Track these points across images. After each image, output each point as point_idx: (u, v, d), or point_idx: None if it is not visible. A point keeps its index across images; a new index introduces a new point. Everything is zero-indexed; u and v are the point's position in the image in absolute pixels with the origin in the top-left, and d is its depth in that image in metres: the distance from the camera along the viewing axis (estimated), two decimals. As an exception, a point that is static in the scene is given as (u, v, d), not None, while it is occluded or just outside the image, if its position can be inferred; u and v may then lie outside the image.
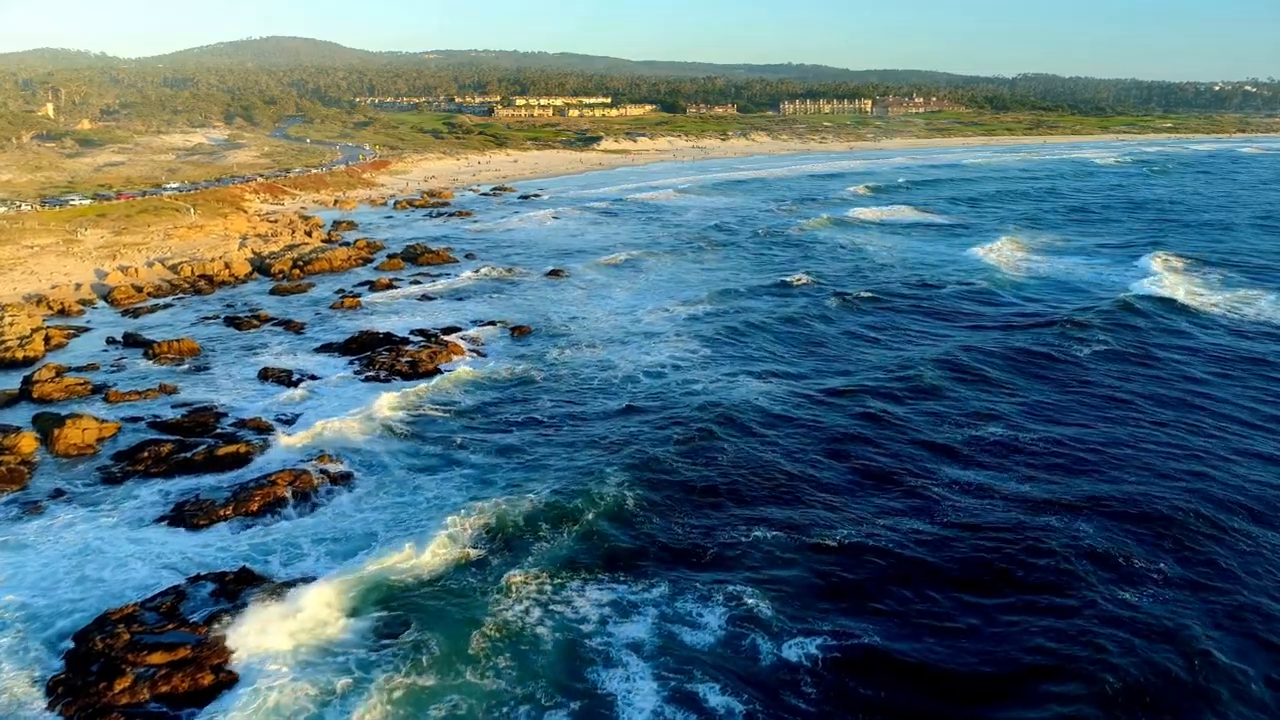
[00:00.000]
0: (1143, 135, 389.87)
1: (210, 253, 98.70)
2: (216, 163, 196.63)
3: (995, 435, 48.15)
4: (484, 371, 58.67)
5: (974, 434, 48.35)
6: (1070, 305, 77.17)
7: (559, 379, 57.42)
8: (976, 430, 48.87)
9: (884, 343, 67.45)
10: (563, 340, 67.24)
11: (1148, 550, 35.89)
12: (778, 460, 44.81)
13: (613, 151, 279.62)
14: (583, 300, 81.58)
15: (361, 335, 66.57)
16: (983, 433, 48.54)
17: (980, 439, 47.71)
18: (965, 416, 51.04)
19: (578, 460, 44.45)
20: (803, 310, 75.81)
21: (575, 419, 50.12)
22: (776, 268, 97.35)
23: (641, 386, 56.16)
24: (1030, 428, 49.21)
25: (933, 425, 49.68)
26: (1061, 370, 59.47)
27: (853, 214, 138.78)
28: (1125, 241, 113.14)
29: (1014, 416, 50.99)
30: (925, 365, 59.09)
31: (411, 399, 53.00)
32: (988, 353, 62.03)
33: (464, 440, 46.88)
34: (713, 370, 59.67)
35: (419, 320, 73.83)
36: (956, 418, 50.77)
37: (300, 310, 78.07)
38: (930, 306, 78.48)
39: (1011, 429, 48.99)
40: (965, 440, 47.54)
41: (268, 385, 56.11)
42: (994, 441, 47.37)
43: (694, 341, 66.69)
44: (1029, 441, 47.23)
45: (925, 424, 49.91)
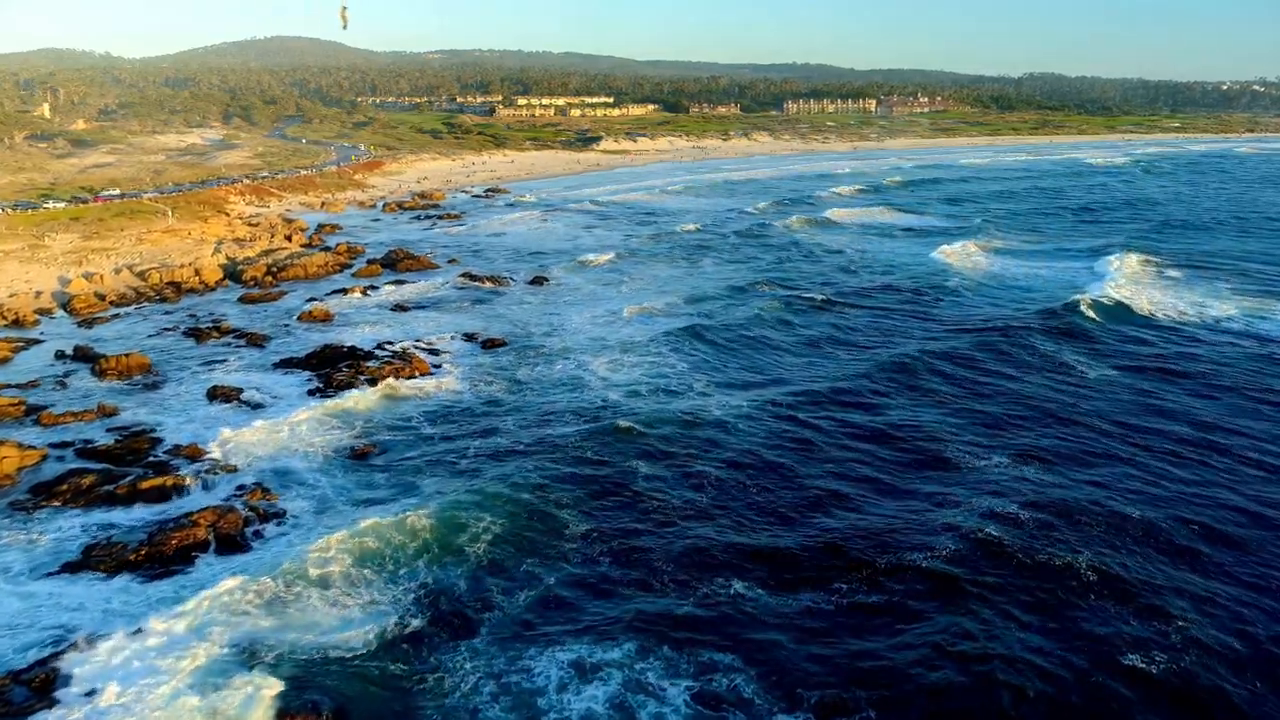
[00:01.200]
0: (1150, 135, 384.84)
1: (182, 258, 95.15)
2: (205, 163, 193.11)
3: (918, 451, 46.78)
4: (447, 391, 55.03)
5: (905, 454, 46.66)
6: (1015, 309, 76.47)
7: (527, 399, 53.73)
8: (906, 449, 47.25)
9: (828, 352, 65.68)
10: (537, 354, 63.55)
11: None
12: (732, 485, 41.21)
13: (612, 152, 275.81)
14: (563, 309, 77.89)
15: (324, 350, 62.92)
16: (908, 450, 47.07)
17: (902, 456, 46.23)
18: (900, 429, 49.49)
19: (531, 496, 40.75)
20: (759, 317, 73.86)
21: (538, 445, 46.33)
22: (749, 271, 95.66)
23: (614, 408, 52.39)
24: (947, 438, 48.08)
25: (859, 440, 48.12)
26: (989, 378, 58.29)
27: (834, 215, 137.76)
28: (1094, 242, 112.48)
29: (939, 429, 49.52)
30: (862, 377, 57.89)
31: (365, 422, 49.40)
32: (928, 359, 61.26)
33: (417, 468, 43.20)
34: (687, 388, 55.99)
35: (389, 332, 70.17)
36: (889, 431, 49.41)
37: (266, 321, 74.46)
38: (883, 311, 77.50)
39: (934, 441, 47.81)
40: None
41: (214, 406, 52.45)
42: (919, 458, 46.02)
43: (671, 356, 62.98)
44: (946, 454, 46.18)
45: (855, 438, 48.05)
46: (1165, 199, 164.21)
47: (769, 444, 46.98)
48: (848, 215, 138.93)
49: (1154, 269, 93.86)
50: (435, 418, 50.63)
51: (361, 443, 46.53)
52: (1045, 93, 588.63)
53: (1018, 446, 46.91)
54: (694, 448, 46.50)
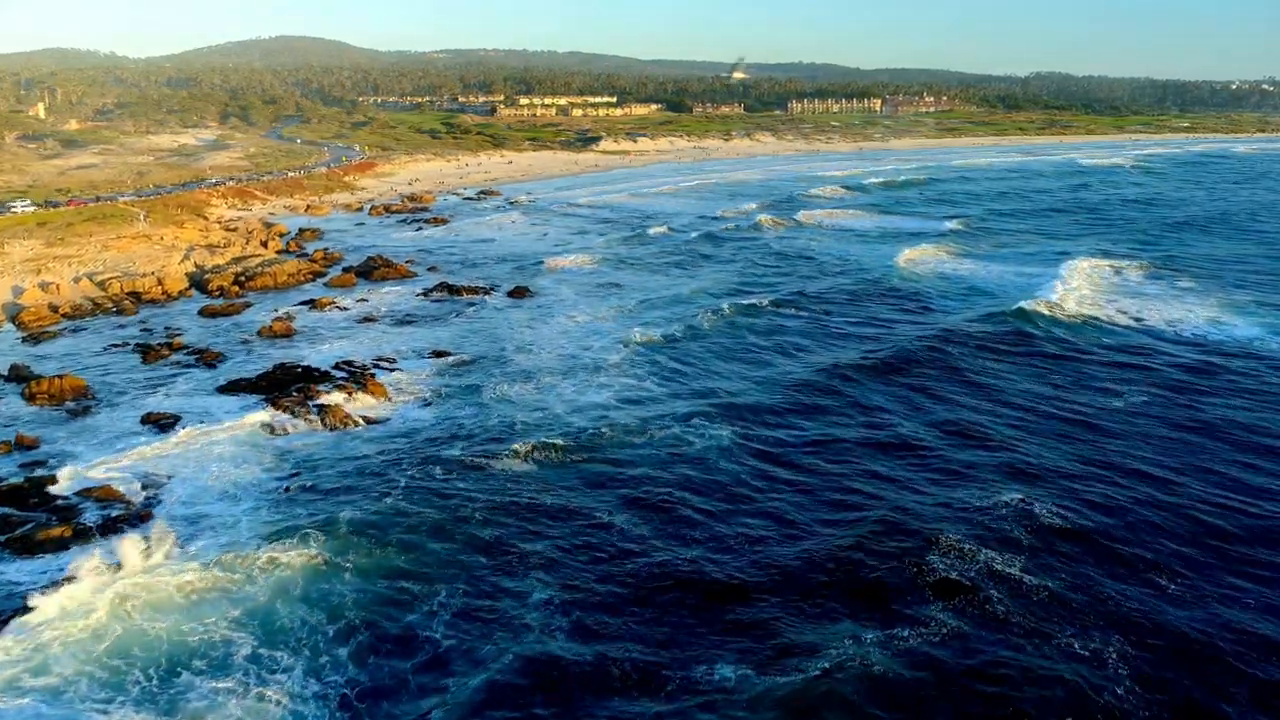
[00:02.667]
0: (1159, 135, 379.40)
1: (148, 266, 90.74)
2: (192, 165, 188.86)
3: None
4: (401, 418, 50.48)
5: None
6: (961, 315, 74.68)
7: (490, 429, 49.03)
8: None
9: (767, 361, 62.78)
10: (507, 374, 58.87)
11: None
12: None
13: (611, 153, 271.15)
14: (541, 322, 73.22)
15: (276, 371, 58.41)
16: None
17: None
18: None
19: (480, 557, 36.19)
20: (727, 323, 72.25)
21: (496, 492, 41.70)
22: (724, 278, 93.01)
23: (576, 435, 47.79)
24: (856, 458, 45.71)
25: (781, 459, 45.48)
26: (925, 387, 56.46)
27: (813, 217, 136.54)
28: (1065, 243, 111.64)
29: (851, 444, 47.40)
30: (798, 387, 55.95)
31: (304, 455, 44.85)
32: (862, 369, 59.42)
33: (347, 521, 38.28)
34: (651, 400, 51.42)
35: (354, 348, 65.62)
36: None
37: (224, 335, 69.98)
38: (832, 315, 76.12)
39: (840, 460, 45.39)
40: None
41: (145, 437, 47.87)
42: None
43: (648, 379, 58.35)
44: (856, 472, 44.11)
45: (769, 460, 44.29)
46: (1153, 199, 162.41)
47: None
48: (828, 217, 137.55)
49: (1116, 273, 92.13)
50: (383, 449, 45.94)
51: (296, 481, 41.94)
52: (1052, 92, 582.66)
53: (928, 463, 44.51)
54: (631, 468, 42.18)
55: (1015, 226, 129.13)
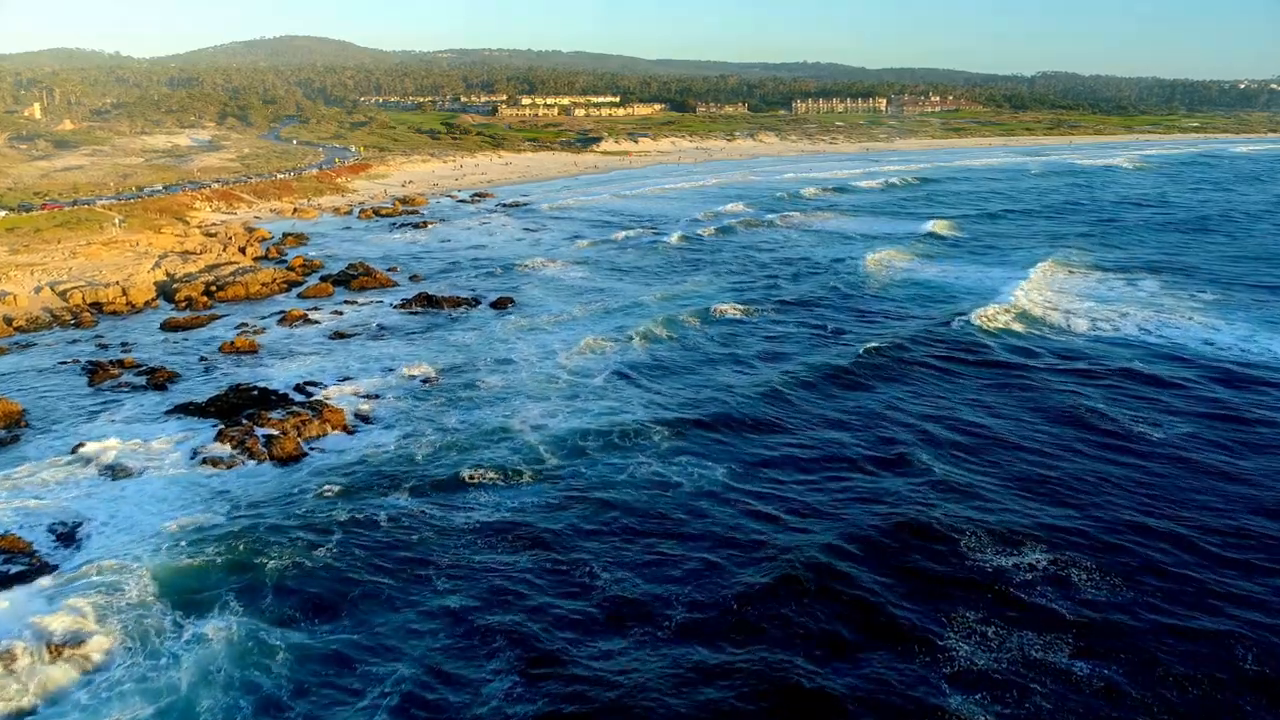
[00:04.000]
0: (1169, 135, 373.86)
1: (115, 274, 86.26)
2: (181, 166, 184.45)
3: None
4: (358, 453, 45.76)
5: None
6: (915, 322, 73.28)
7: (452, 464, 44.33)
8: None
9: (710, 377, 59.86)
10: (479, 397, 54.27)
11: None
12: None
13: (611, 153, 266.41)
14: (522, 336, 68.42)
15: (231, 393, 53.84)
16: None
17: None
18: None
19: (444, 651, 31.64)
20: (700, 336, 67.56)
21: (448, 548, 37.02)
22: (708, 284, 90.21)
23: (550, 474, 43.21)
24: (781, 477, 43.65)
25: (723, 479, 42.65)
26: (867, 397, 55.21)
27: (800, 219, 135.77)
28: (1036, 244, 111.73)
29: (785, 464, 45.16)
30: (739, 398, 54.13)
31: (243, 501, 40.15)
32: (804, 381, 57.65)
33: (279, 585, 33.52)
34: (642, 437, 46.85)
35: (321, 367, 61.06)
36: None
37: (184, 352, 65.45)
38: (787, 320, 74.91)
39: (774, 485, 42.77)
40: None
41: (70, 472, 43.32)
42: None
43: (632, 402, 53.73)
44: (782, 489, 42.35)
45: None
46: (1138, 200, 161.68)
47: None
48: (817, 219, 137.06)
49: (1081, 276, 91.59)
50: (332, 488, 41.30)
51: (222, 528, 37.32)
52: (1059, 92, 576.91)
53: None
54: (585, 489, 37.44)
55: (997, 229, 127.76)
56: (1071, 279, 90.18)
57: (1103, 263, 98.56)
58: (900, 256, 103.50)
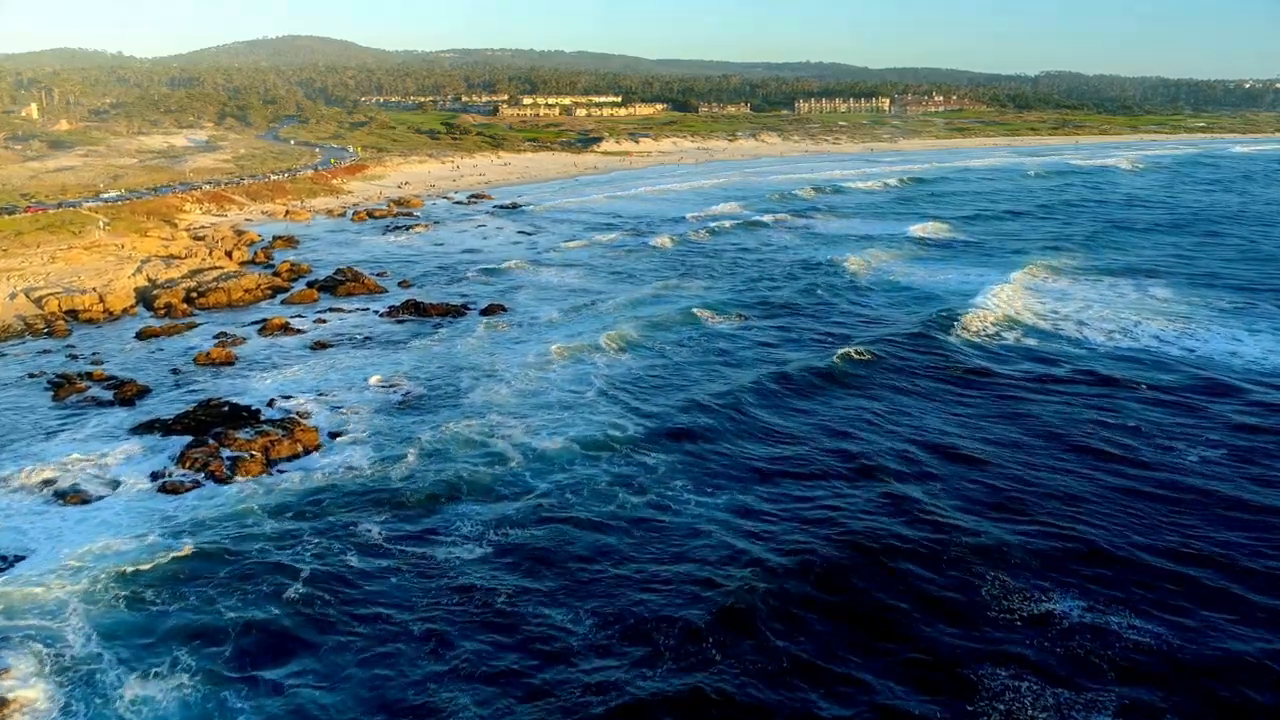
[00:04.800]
0: (1174, 135, 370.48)
1: (94, 280, 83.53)
2: (175, 167, 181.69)
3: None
4: (330, 475, 42.95)
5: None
6: (892, 326, 72.21)
7: (429, 489, 41.54)
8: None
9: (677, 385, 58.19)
10: (462, 412, 51.45)
11: None
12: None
13: (612, 154, 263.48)
14: (510, 346, 65.59)
15: (200, 410, 51.07)
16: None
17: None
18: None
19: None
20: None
21: (423, 590, 34.24)
22: (698, 288, 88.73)
23: (535, 503, 40.46)
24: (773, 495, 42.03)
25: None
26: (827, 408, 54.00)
27: (790, 220, 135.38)
28: (1018, 246, 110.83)
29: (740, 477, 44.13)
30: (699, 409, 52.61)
31: (195, 532, 37.31)
32: (768, 391, 56.26)
33: (233, 638, 30.60)
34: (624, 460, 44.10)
35: (298, 380, 58.26)
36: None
37: (158, 363, 62.70)
38: (767, 326, 73.49)
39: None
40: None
41: (18, 501, 40.51)
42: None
43: (614, 404, 51.02)
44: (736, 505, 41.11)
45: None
46: (1130, 200, 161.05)
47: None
48: (791, 220, 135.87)
49: (1057, 281, 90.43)
50: (298, 517, 38.55)
51: (176, 564, 34.57)
52: (1063, 92, 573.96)
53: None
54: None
55: (991, 230, 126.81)
56: (1047, 284, 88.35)
57: (1095, 266, 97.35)
58: (888, 258, 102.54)
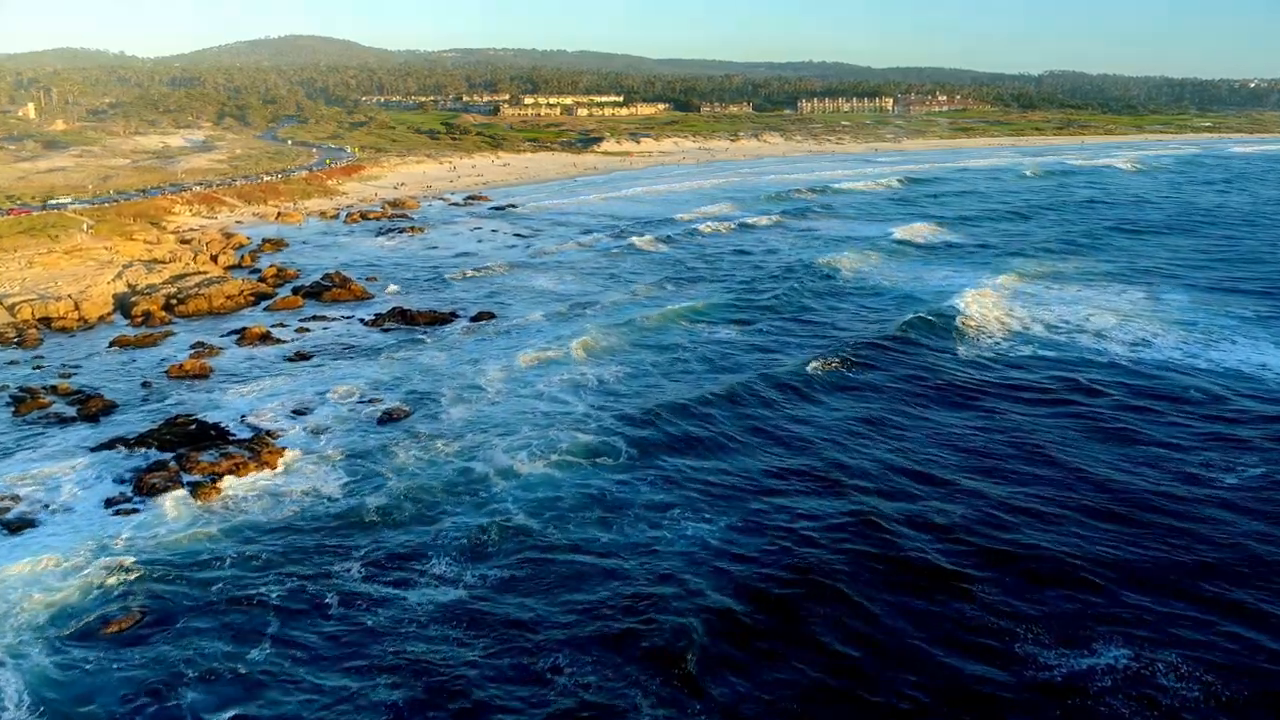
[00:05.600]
0: (1180, 135, 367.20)
1: (71, 286, 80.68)
2: (167, 168, 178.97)
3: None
4: (298, 503, 40.07)
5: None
6: (869, 328, 71.63)
7: (405, 522, 38.61)
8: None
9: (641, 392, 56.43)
10: (440, 432, 48.59)
11: None
12: None
13: (612, 154, 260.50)
14: (499, 357, 62.61)
15: (167, 426, 48.24)
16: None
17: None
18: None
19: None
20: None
21: (391, 649, 31.37)
22: (693, 294, 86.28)
23: (520, 537, 37.60)
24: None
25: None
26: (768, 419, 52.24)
27: (781, 221, 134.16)
28: (1014, 248, 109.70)
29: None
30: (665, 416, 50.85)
31: (144, 570, 34.36)
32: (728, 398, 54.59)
33: (187, 704, 27.83)
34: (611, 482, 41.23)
35: (274, 394, 55.39)
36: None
37: (129, 375, 59.86)
38: (744, 331, 72.24)
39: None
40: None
41: (-39, 527, 37.76)
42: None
43: (605, 424, 48.10)
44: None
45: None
46: (1125, 199, 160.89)
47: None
48: (775, 221, 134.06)
49: (1036, 282, 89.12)
50: (256, 554, 35.59)
51: (123, 609, 31.73)
52: (1066, 91, 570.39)
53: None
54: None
55: (982, 232, 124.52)
56: (1023, 288, 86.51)
57: (1089, 269, 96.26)
58: (877, 260, 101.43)
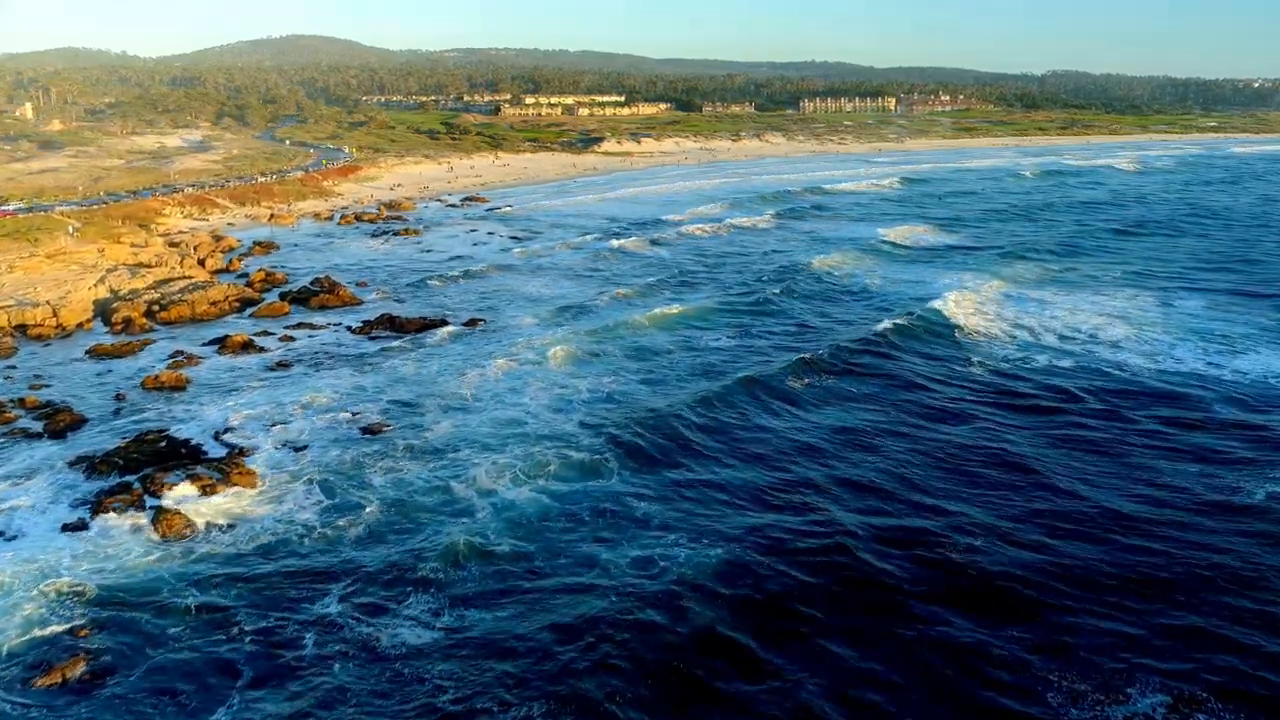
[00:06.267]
0: (1185, 135, 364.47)
1: (51, 291, 78.25)
2: (160, 169, 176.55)
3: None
4: (270, 530, 37.54)
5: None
6: (846, 332, 70.66)
7: (386, 550, 36.22)
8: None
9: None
10: (426, 449, 46.12)
11: None
12: None
13: (613, 154, 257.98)
14: (486, 364, 60.16)
15: (135, 444, 45.76)
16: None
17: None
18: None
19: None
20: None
21: (383, 671, 29.02)
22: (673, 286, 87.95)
23: (500, 566, 35.18)
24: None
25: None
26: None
27: (772, 221, 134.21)
28: (1011, 250, 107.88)
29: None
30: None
31: (96, 620, 31.75)
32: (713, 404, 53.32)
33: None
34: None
35: (253, 406, 52.88)
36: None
37: (102, 387, 57.42)
38: (726, 334, 70.97)
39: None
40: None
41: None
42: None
43: (596, 438, 45.62)
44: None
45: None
46: (1119, 199, 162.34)
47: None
48: (790, 223, 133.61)
49: (1014, 286, 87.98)
50: (220, 593, 33.00)
51: (66, 653, 29.29)
52: (1069, 91, 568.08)
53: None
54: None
55: (980, 233, 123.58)
56: (1003, 292, 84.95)
57: (1082, 272, 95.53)
58: (870, 262, 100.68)
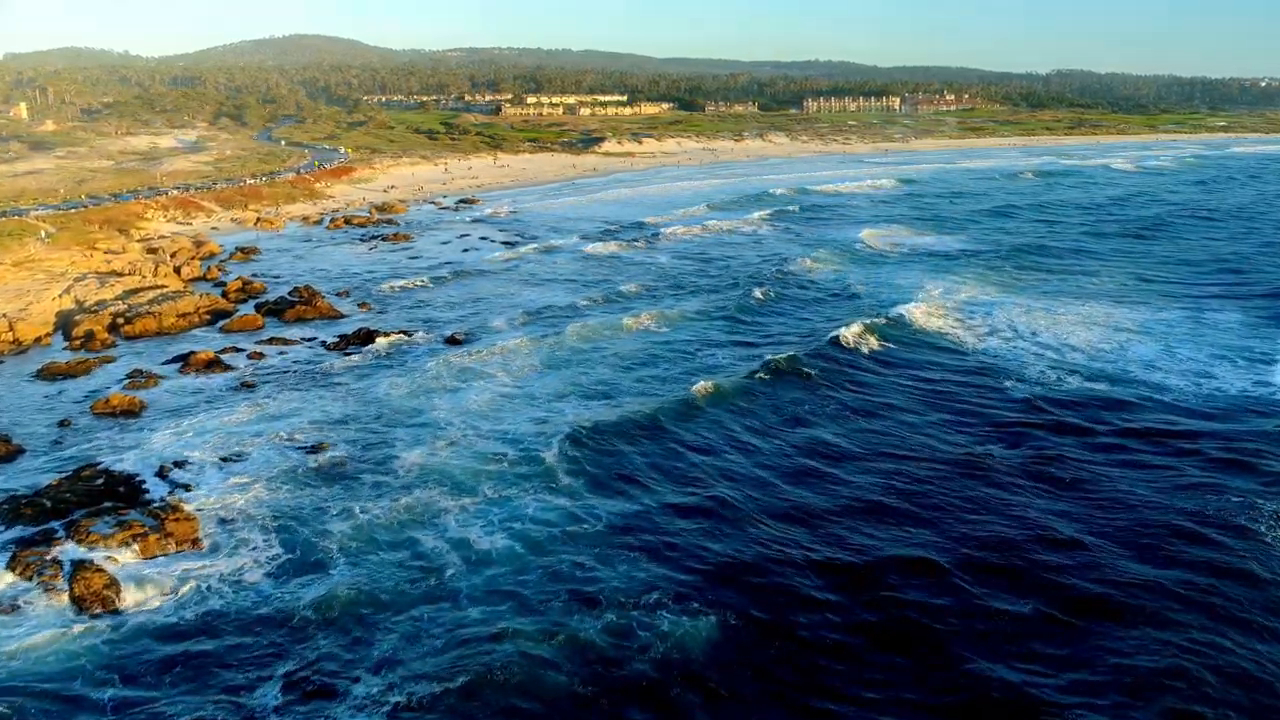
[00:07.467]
0: (1195, 135, 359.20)
1: (13, 303, 73.75)
2: (148, 170, 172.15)
3: None
4: (208, 594, 32.85)
5: None
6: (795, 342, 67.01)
7: (335, 618, 31.54)
8: None
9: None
10: (392, 485, 41.54)
11: None
12: None
13: (614, 155, 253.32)
14: (463, 386, 55.63)
15: (69, 481, 41.20)
16: None
17: None
18: None
19: None
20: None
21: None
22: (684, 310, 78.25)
23: (467, 632, 30.63)
24: None
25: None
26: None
27: (768, 222, 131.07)
28: (1007, 250, 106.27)
29: None
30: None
31: None
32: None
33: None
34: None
35: (206, 434, 48.25)
36: None
37: (48, 411, 52.88)
38: (710, 337, 69.07)
39: None
40: None
41: None
42: None
43: (577, 482, 41.01)
44: None
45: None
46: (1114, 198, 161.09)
47: None
48: (761, 225, 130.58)
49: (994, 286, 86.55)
50: (146, 689, 28.47)
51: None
52: (1075, 90, 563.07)
53: None
54: None
55: (978, 233, 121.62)
56: (978, 296, 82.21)
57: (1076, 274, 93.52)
58: (860, 263, 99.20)
